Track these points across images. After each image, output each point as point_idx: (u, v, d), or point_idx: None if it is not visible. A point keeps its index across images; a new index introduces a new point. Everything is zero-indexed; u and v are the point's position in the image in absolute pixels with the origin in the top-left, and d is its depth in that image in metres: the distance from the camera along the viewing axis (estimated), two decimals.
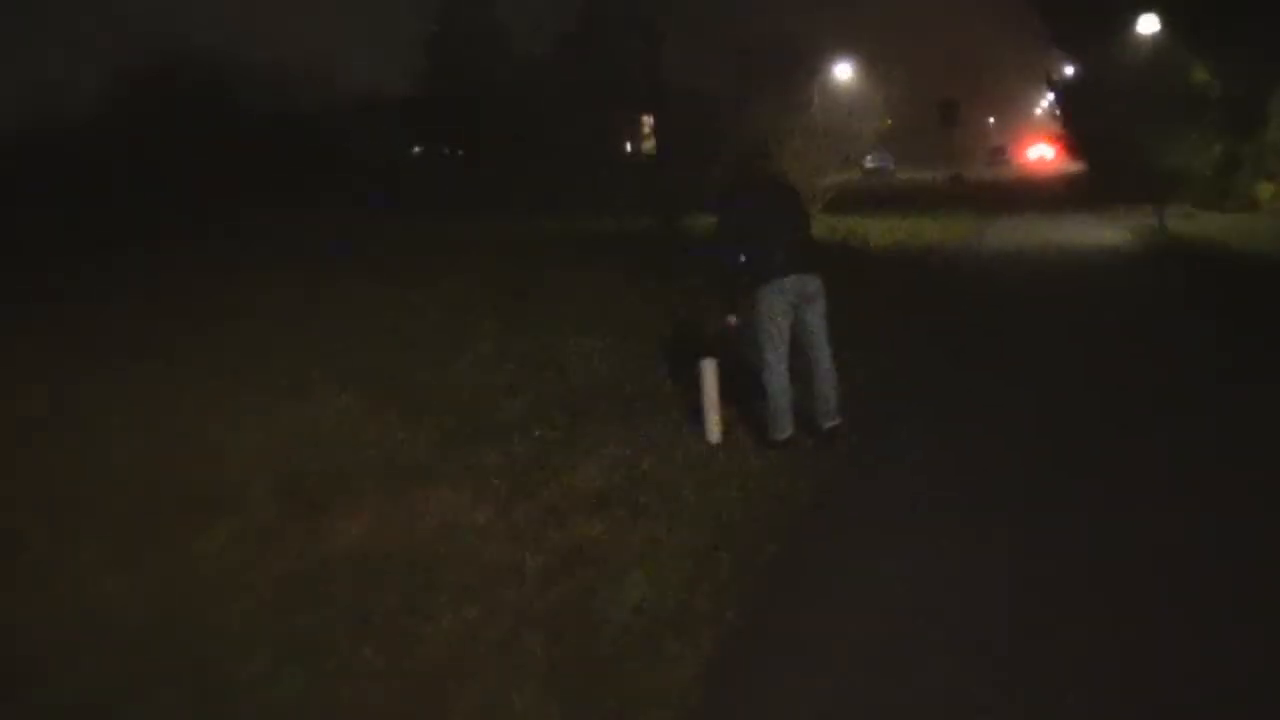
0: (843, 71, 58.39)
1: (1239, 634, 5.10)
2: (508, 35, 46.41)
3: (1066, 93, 57.45)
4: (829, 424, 8.82)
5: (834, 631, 5.43)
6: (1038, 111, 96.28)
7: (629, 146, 49.96)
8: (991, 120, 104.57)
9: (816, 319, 8.77)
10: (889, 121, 37.68)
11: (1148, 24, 40.82)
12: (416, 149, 46.68)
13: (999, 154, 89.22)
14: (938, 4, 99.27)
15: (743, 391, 9.36)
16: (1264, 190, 34.38)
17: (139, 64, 35.05)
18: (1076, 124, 56.37)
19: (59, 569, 6.06)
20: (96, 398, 9.38)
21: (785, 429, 8.69)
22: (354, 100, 40.80)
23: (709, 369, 8.90)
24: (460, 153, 46.35)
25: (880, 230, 28.54)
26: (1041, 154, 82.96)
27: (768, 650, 5.30)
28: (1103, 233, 29.57)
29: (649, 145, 50.18)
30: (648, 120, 49.70)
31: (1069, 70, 58.70)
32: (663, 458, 8.29)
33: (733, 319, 9.08)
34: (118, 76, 35.48)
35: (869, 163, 69.43)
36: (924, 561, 6.27)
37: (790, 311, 8.63)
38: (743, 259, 8.65)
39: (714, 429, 8.87)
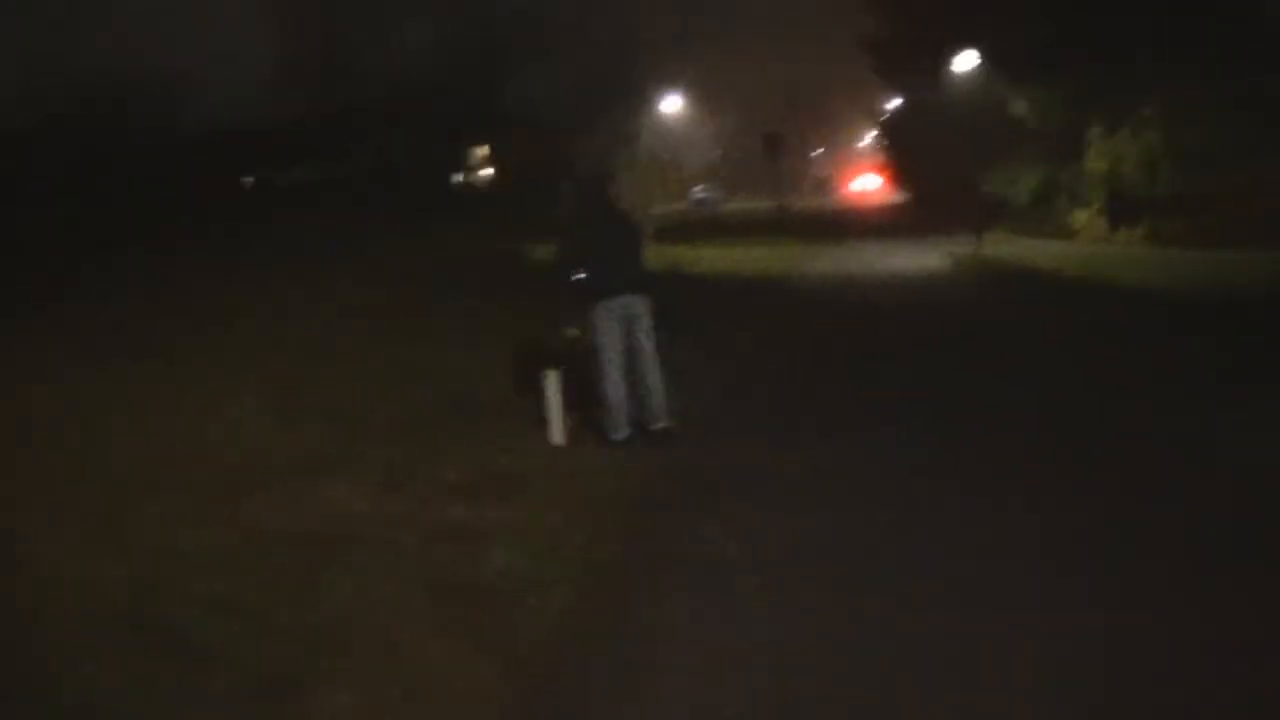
0: (672, 104, 59.72)
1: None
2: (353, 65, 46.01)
3: (890, 125, 59.50)
4: (658, 425, 9.87)
5: (669, 589, 6.49)
6: (864, 143, 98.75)
7: (460, 177, 50.29)
8: (820, 151, 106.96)
9: (644, 335, 9.91)
10: (719, 153, 38.80)
11: (966, 60, 42.51)
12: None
13: (825, 185, 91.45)
14: (768, 39, 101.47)
15: (585, 398, 10.33)
16: (1079, 218, 36.13)
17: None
18: (899, 155, 58.46)
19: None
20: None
21: (621, 430, 9.79)
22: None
23: (551, 379, 9.87)
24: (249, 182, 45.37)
25: (708, 258, 29.54)
26: (866, 185, 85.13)
27: (613, 604, 6.38)
28: (921, 258, 31.35)
29: (480, 175, 50.62)
30: (477, 151, 50.11)
31: (894, 103, 60.73)
32: (515, 456, 9.37)
33: (574, 331, 10.07)
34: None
35: (697, 193, 71.28)
36: (734, 526, 7.50)
37: (622, 327, 9.68)
38: (582, 277, 9.64)
39: (557, 431, 9.90)
